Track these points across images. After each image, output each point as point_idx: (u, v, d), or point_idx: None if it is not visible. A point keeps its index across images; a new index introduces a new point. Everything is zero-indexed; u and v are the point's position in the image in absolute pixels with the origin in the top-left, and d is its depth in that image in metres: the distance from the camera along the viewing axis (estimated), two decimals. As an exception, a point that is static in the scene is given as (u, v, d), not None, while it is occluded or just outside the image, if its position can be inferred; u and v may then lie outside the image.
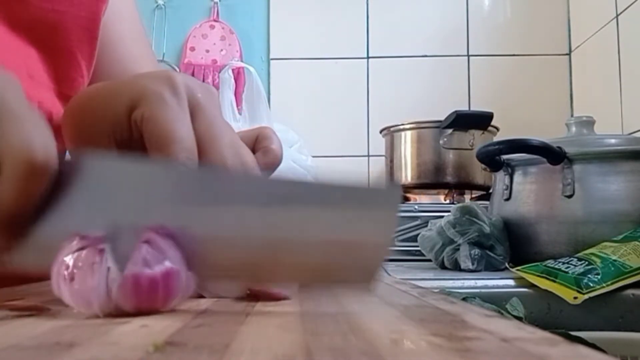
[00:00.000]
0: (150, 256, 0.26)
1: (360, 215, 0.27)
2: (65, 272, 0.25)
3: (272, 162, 0.39)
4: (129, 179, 0.29)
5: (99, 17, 0.52)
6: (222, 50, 1.63)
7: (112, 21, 0.57)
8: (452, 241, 0.92)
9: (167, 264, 0.26)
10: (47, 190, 0.28)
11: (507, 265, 0.91)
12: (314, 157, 1.48)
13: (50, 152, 0.27)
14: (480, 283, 0.80)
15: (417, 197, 1.42)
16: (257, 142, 0.40)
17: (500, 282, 0.80)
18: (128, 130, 0.35)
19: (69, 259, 0.25)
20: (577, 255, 0.80)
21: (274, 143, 0.40)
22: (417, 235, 1.01)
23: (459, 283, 0.79)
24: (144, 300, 0.25)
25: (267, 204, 0.27)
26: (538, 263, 0.81)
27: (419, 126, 1.33)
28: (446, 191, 1.35)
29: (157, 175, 0.29)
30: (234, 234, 0.27)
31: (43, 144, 0.27)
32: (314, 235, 0.27)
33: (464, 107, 1.55)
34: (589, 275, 0.73)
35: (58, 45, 0.49)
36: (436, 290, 0.40)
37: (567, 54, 1.61)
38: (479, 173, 1.29)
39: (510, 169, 0.98)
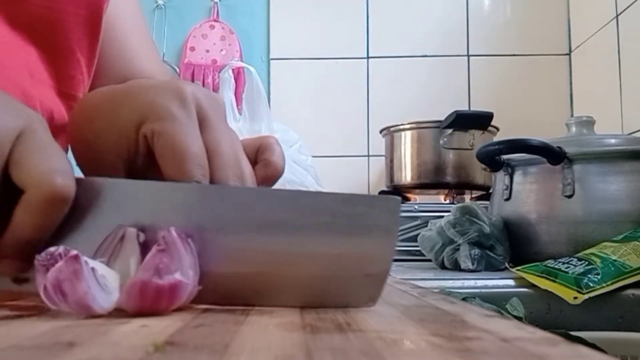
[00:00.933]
0: (163, 265, 0.26)
1: (360, 236, 0.28)
2: (54, 290, 0.25)
3: (272, 175, 0.39)
4: (134, 199, 0.29)
5: (100, 15, 0.52)
6: (222, 50, 1.63)
7: (114, 18, 0.57)
8: (452, 241, 0.92)
9: (177, 275, 0.26)
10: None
11: (507, 265, 0.91)
12: (314, 157, 1.47)
13: (70, 183, 0.28)
14: (480, 283, 0.79)
15: (417, 197, 1.42)
16: (258, 153, 0.39)
17: (500, 282, 0.80)
18: (135, 145, 0.35)
19: (51, 277, 0.25)
20: (577, 255, 0.80)
21: (274, 155, 0.39)
22: (417, 235, 1.01)
23: (459, 283, 0.79)
24: (148, 306, 0.26)
25: (267, 227, 0.28)
26: (538, 263, 0.81)
27: (419, 126, 1.33)
28: (446, 191, 1.35)
29: (162, 196, 0.29)
30: (235, 261, 0.28)
31: (64, 176, 0.28)
32: (314, 257, 0.28)
33: (464, 107, 1.55)
34: (589, 275, 0.73)
35: (58, 43, 0.49)
36: (436, 290, 0.40)
37: (567, 54, 1.61)
38: (479, 173, 1.29)
39: (510, 169, 0.98)
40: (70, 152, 0.40)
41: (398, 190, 1.39)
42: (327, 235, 0.28)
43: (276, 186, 0.40)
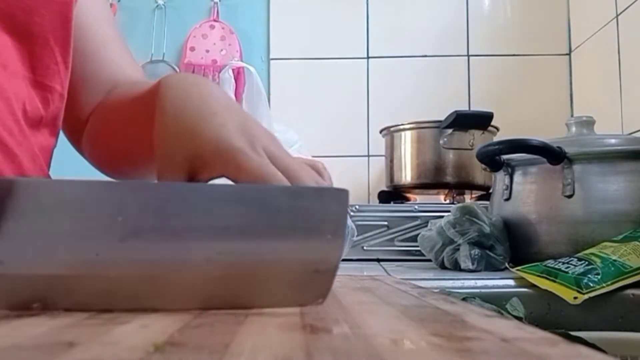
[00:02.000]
0: None
1: (307, 231, 0.26)
2: None
3: None
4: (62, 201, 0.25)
5: (71, 3, 0.52)
6: (222, 50, 1.63)
7: (92, 21, 0.58)
8: (452, 241, 0.92)
9: None
10: None
11: (507, 265, 0.91)
12: (314, 157, 1.47)
13: None
14: (480, 283, 0.79)
15: (417, 197, 1.42)
16: None
17: (500, 282, 0.80)
18: (187, 177, 0.37)
19: None
20: (577, 255, 0.80)
21: (324, 179, 0.40)
22: (417, 235, 1.01)
23: (459, 283, 0.79)
24: None
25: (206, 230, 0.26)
26: (538, 263, 0.81)
27: (419, 126, 1.33)
28: (446, 191, 1.35)
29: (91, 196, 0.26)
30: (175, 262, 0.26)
31: None
32: (259, 258, 0.26)
33: (464, 107, 1.55)
34: (589, 275, 0.73)
35: (32, 31, 0.49)
36: (436, 290, 0.40)
37: (567, 54, 1.61)
38: (479, 173, 1.29)
39: (510, 169, 0.98)
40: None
41: (398, 190, 1.39)
42: (271, 234, 0.26)
43: None
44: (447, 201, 1.33)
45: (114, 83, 0.57)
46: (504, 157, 0.97)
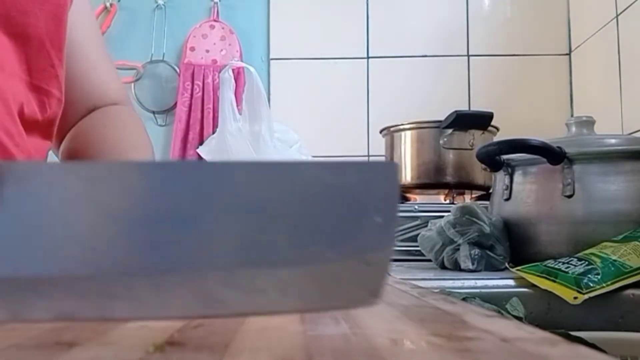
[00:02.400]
0: None
1: (352, 215, 0.20)
2: None
3: None
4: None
5: (65, 6, 0.52)
6: (222, 50, 1.63)
7: (82, 39, 0.59)
8: (452, 241, 0.92)
9: None
10: None
11: (507, 265, 0.91)
12: (314, 157, 1.47)
13: None
14: (480, 283, 0.79)
15: (417, 197, 1.42)
16: None
17: (500, 282, 0.80)
18: None
19: None
20: (577, 255, 0.80)
21: None
22: (417, 235, 1.01)
23: (459, 283, 0.79)
24: None
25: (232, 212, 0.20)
26: (538, 263, 0.81)
27: (419, 126, 1.33)
28: (446, 191, 1.35)
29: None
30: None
31: None
32: (294, 250, 0.20)
33: (464, 107, 1.55)
34: (589, 275, 0.73)
35: (27, 33, 0.50)
36: (436, 290, 0.40)
37: (567, 54, 1.61)
38: (479, 173, 1.29)
39: (510, 169, 0.98)
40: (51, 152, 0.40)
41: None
42: (309, 219, 0.20)
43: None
44: (447, 201, 1.33)
45: (97, 102, 0.61)
46: (504, 157, 0.97)
